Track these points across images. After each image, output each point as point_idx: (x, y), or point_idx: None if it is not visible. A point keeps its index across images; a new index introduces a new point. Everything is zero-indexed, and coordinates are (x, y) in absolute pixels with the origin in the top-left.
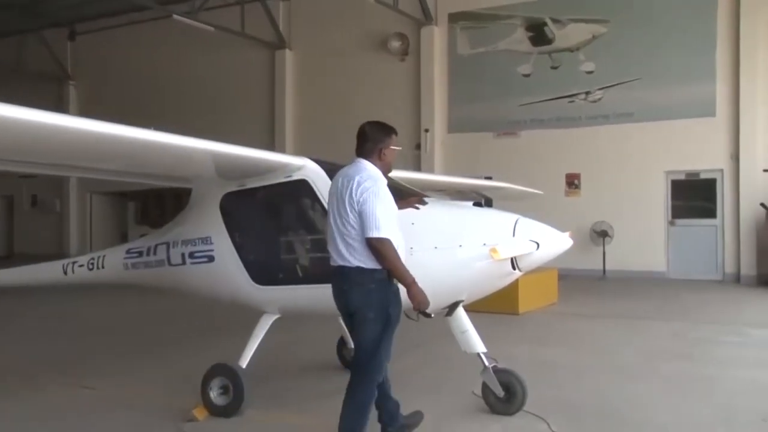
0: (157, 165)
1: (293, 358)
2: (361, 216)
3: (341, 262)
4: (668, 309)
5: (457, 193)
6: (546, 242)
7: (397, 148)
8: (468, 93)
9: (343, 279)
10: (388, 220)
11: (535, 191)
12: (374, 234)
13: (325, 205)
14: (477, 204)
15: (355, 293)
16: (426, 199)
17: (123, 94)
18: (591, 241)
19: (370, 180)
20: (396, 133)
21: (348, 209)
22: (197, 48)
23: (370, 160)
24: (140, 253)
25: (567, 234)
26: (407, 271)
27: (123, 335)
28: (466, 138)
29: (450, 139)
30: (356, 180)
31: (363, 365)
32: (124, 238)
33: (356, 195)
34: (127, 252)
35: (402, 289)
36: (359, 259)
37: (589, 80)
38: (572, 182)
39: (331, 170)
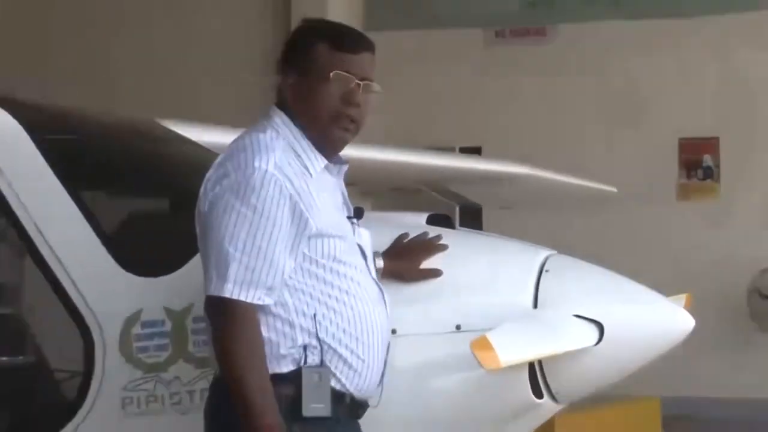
0: None
1: None
2: (202, 251)
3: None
4: None
5: (393, 191)
6: (624, 324)
7: (357, 80)
8: None
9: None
10: (259, 260)
11: (600, 187)
12: (211, 290)
13: (22, 217)
14: (437, 219)
15: None
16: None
17: None
18: (753, 320)
19: (236, 160)
20: (368, 48)
21: (199, 238)
22: None
23: (291, 114)
24: None
25: (682, 301)
26: (260, 399)
27: None
28: (412, 45)
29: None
30: (214, 167)
31: None
32: None
33: (203, 204)
34: None
35: None
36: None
37: None
38: (696, 162)
39: (45, 126)
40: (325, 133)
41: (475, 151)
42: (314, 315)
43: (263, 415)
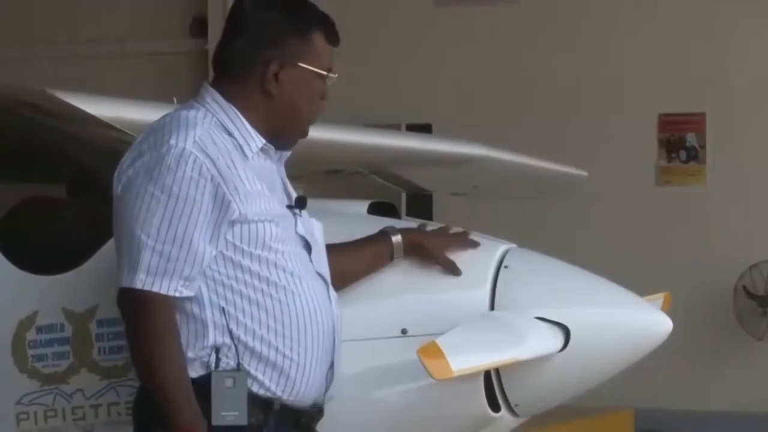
0: None
1: None
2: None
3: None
4: None
5: (329, 175)
6: (593, 327)
7: (323, 71)
8: None
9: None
10: (175, 247)
11: (567, 170)
12: (123, 281)
13: None
14: (380, 207)
15: None
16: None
17: None
18: (739, 322)
19: (152, 139)
20: (332, 36)
21: (113, 225)
22: None
23: (233, 98)
24: None
25: (659, 302)
26: (180, 397)
27: None
28: (350, 5)
29: None
30: (132, 147)
31: None
32: None
33: (116, 188)
34: None
35: None
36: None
37: None
38: (679, 142)
39: None
40: (299, 133)
41: (424, 128)
42: (225, 309)
43: (183, 415)
